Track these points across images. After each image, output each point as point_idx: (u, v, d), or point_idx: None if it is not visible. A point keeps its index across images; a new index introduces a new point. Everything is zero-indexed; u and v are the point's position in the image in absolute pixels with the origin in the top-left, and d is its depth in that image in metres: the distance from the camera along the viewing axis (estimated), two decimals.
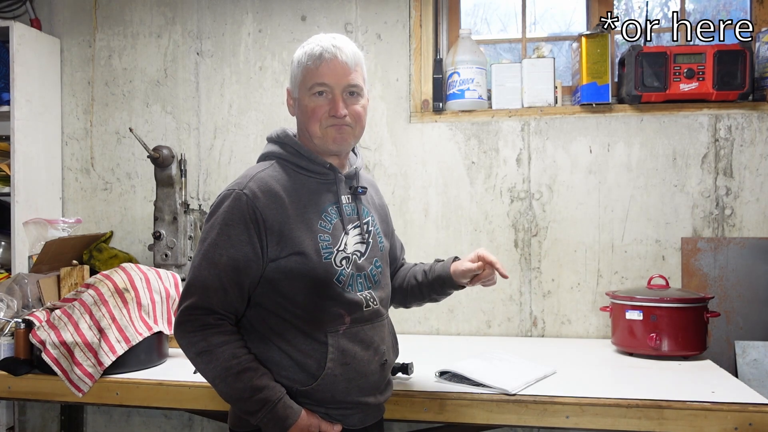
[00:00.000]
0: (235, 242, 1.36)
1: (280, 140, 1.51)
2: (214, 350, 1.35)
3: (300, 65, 1.45)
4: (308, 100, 1.44)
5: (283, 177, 1.44)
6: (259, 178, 1.42)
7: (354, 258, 1.47)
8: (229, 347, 1.35)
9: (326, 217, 1.45)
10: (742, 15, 2.62)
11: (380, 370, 1.49)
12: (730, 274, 2.35)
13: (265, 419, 1.34)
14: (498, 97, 2.54)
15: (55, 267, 2.42)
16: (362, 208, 1.54)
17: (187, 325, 1.36)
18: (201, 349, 1.35)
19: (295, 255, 1.39)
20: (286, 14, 2.71)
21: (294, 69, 1.48)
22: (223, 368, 1.34)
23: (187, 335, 1.37)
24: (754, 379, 2.18)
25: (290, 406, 1.36)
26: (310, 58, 1.43)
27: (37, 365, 1.95)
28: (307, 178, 1.47)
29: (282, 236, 1.38)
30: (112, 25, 2.86)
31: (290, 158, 1.48)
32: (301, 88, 1.46)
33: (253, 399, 1.34)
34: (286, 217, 1.39)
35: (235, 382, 1.34)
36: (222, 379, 1.35)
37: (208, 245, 1.38)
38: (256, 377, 1.35)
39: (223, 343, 1.35)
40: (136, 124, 2.81)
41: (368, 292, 1.48)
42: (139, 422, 2.79)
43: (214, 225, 1.39)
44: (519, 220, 2.52)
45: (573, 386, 1.74)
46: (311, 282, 1.40)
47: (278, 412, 1.34)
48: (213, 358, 1.35)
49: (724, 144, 2.40)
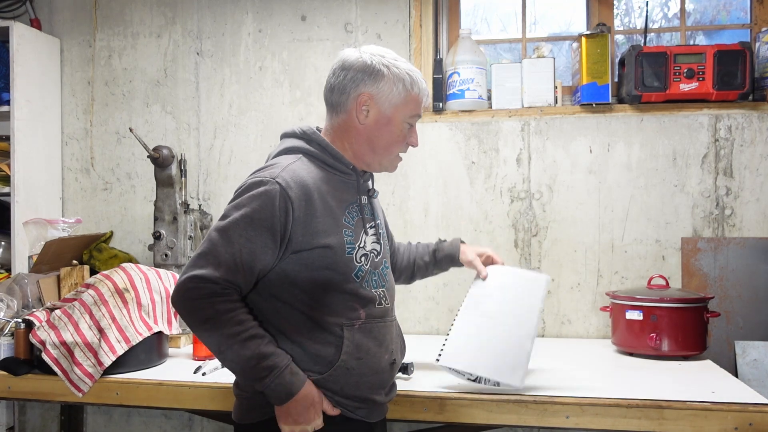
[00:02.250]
0: (257, 228, 1.36)
1: (306, 136, 1.52)
2: (221, 317, 1.33)
3: (406, 90, 1.49)
4: (402, 126, 1.51)
5: (312, 170, 1.46)
6: (291, 169, 1.43)
7: (372, 256, 1.50)
8: (235, 314, 1.34)
9: (349, 213, 1.48)
10: (742, 15, 2.63)
11: (390, 368, 1.52)
12: (730, 274, 2.35)
13: (272, 385, 1.34)
14: (498, 97, 2.54)
15: (55, 267, 2.42)
16: (375, 210, 1.59)
17: (193, 292, 1.34)
18: (207, 316, 1.34)
19: (320, 248, 1.40)
20: (286, 14, 2.71)
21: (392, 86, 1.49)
22: (229, 335, 1.33)
23: (192, 301, 1.35)
24: (754, 379, 2.18)
25: (296, 373, 1.37)
26: (422, 92, 1.52)
27: (37, 365, 1.94)
28: (332, 175, 1.50)
29: (308, 228, 1.40)
30: (112, 25, 2.86)
31: (317, 154, 1.50)
32: (399, 111, 1.50)
33: (260, 366, 1.33)
34: (314, 209, 1.41)
35: (242, 349, 1.33)
36: (228, 346, 1.34)
37: (231, 223, 1.37)
38: (263, 344, 1.35)
39: (229, 310, 1.34)
40: (136, 124, 2.81)
41: (381, 290, 1.51)
42: (139, 422, 2.79)
43: (240, 206, 1.38)
44: (519, 220, 2.52)
45: (573, 386, 1.74)
46: (332, 275, 1.42)
47: (285, 379, 1.35)
48: (219, 325, 1.33)
49: (724, 144, 2.39)
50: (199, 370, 1.92)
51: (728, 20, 2.70)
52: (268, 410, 1.42)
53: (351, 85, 1.49)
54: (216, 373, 1.91)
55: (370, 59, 1.49)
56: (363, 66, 1.49)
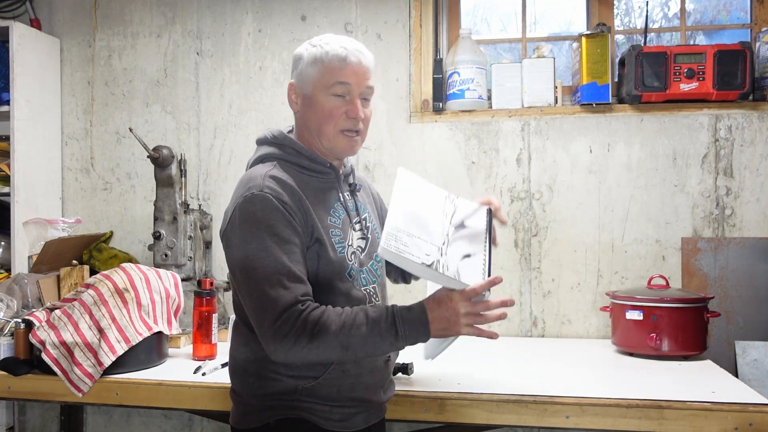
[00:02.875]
0: (285, 238, 1.33)
1: (277, 141, 1.50)
2: (321, 323, 1.29)
3: (318, 63, 1.43)
4: (325, 100, 1.43)
5: (289, 176, 1.43)
6: (271, 176, 1.40)
7: (358, 253, 1.48)
8: (328, 312, 1.31)
9: (334, 213, 1.46)
10: (742, 15, 2.63)
11: (385, 366, 1.51)
12: (730, 274, 2.35)
13: (408, 335, 1.32)
14: (498, 97, 2.54)
15: (55, 267, 2.42)
16: (360, 204, 1.56)
17: (285, 327, 1.28)
18: (311, 332, 1.28)
19: (316, 247, 1.39)
20: (286, 14, 2.71)
21: (307, 65, 1.45)
22: (340, 328, 1.29)
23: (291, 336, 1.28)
24: (754, 379, 2.18)
25: (409, 307, 1.34)
26: (335, 58, 1.42)
27: (37, 365, 1.94)
28: (310, 178, 1.47)
29: (308, 227, 1.39)
30: (112, 25, 2.86)
31: (291, 159, 1.47)
32: (317, 86, 1.43)
33: (383, 329, 1.30)
34: (308, 208, 1.40)
35: (359, 330, 1.30)
36: (347, 335, 1.29)
37: (260, 250, 1.32)
38: (368, 312, 1.32)
39: (321, 314, 1.30)
40: (136, 124, 2.81)
41: (372, 287, 1.50)
42: (139, 422, 2.79)
43: (253, 231, 1.33)
44: (519, 220, 2.52)
45: (573, 386, 1.74)
46: (326, 275, 1.40)
47: (406, 316, 1.32)
48: (325, 330, 1.28)
49: (724, 144, 2.39)
50: (199, 370, 1.92)
51: (728, 20, 2.70)
52: (264, 416, 1.41)
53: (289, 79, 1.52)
54: (216, 373, 1.91)
55: (299, 50, 1.49)
56: (293, 58, 1.50)
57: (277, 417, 1.41)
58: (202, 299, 2.09)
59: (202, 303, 2.08)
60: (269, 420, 1.41)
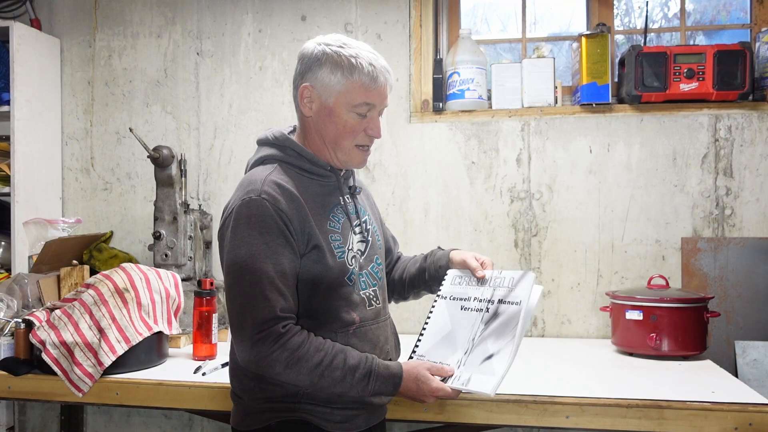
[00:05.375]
0: (275, 249, 1.33)
1: (279, 143, 1.49)
2: (299, 354, 1.31)
3: (345, 76, 1.39)
4: (348, 116, 1.42)
5: (290, 180, 1.42)
6: (271, 180, 1.39)
7: (358, 256, 1.48)
8: (308, 345, 1.33)
9: (334, 217, 1.46)
10: (742, 15, 2.63)
11: None
12: (730, 274, 2.35)
13: (377, 388, 1.36)
14: (498, 97, 2.54)
15: (55, 267, 2.42)
16: (360, 207, 1.56)
17: (263, 345, 1.31)
18: (287, 360, 1.31)
19: (314, 253, 1.39)
20: (286, 14, 2.71)
21: (329, 73, 1.40)
22: (315, 365, 1.32)
23: (267, 356, 1.31)
24: (754, 379, 2.18)
25: (387, 365, 1.39)
26: (365, 77, 1.39)
27: (37, 365, 1.94)
28: (310, 181, 1.47)
29: (304, 234, 1.38)
30: (112, 25, 2.86)
31: (292, 161, 1.47)
32: (341, 101, 1.41)
33: (356, 378, 1.34)
34: (306, 215, 1.39)
35: (333, 372, 1.33)
36: (319, 375, 1.33)
37: (247, 257, 1.32)
38: (347, 357, 1.35)
39: (300, 344, 1.32)
40: (136, 124, 2.81)
41: (372, 290, 1.50)
42: (139, 422, 2.79)
43: (244, 236, 1.33)
44: (519, 220, 2.52)
45: (573, 386, 1.74)
46: (326, 280, 1.40)
47: (382, 374, 1.37)
48: (302, 362, 1.32)
49: (724, 144, 2.40)
50: (199, 370, 1.92)
51: (728, 20, 2.70)
52: (265, 418, 1.42)
53: (298, 78, 1.46)
54: (216, 373, 1.91)
55: (313, 49, 1.43)
56: (304, 56, 1.44)
57: (279, 419, 1.41)
58: (202, 299, 2.09)
59: (202, 303, 2.09)
60: (270, 422, 1.41)
